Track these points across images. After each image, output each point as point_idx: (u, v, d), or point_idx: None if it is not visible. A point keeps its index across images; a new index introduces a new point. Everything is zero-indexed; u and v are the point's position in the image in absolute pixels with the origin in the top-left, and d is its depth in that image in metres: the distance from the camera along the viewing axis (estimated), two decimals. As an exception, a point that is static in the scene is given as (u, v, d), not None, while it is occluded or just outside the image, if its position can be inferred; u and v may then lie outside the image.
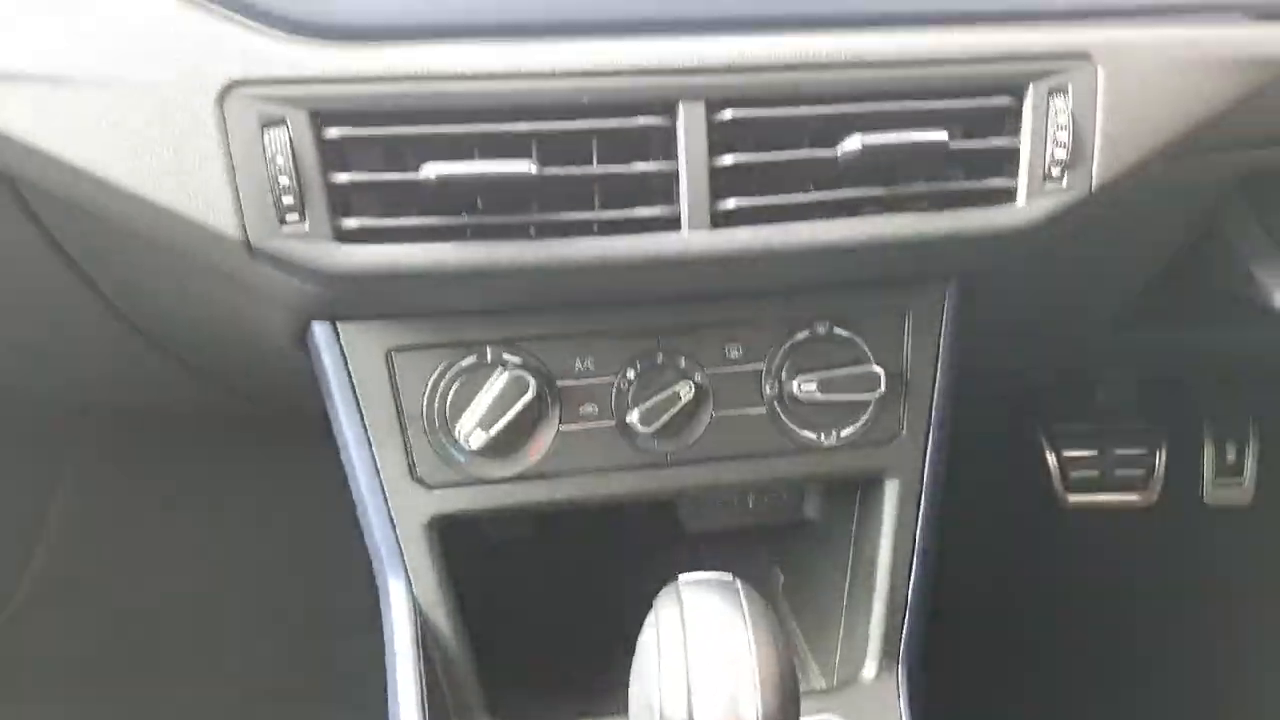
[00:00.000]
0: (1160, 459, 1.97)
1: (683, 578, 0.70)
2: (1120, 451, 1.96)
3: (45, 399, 1.67)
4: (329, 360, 0.91)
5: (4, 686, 1.89)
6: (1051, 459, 1.96)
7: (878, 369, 0.95)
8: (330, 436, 0.96)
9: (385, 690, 0.94)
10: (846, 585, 1.06)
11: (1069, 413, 2.00)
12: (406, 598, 0.93)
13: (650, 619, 0.68)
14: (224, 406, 1.48)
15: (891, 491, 1.00)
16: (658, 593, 0.72)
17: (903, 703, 0.97)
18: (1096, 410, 1.99)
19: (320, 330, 0.90)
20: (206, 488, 2.11)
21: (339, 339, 0.90)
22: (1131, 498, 1.96)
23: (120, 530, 2.08)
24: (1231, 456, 1.99)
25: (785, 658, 0.66)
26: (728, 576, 0.70)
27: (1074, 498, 1.95)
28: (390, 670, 0.92)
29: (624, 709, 0.72)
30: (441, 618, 0.93)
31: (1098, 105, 0.87)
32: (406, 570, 0.93)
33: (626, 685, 0.72)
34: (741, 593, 0.68)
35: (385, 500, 0.93)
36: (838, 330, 0.97)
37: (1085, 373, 1.96)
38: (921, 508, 1.00)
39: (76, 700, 1.90)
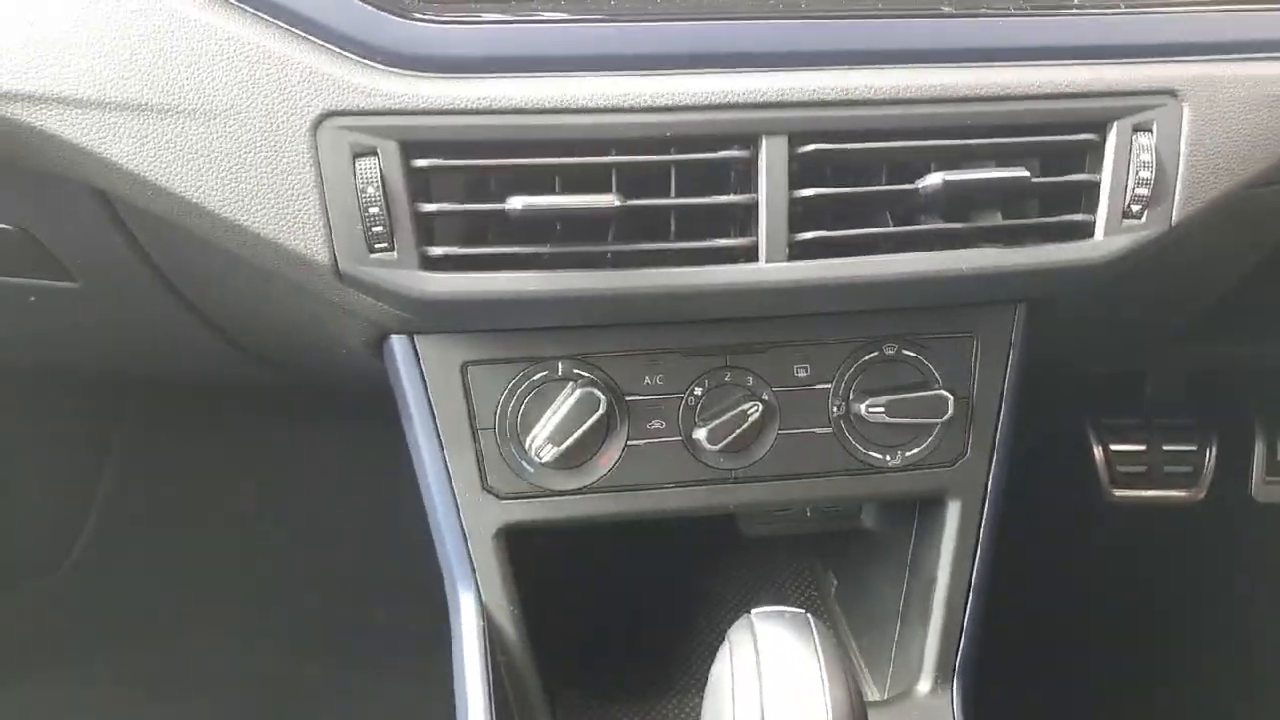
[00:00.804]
0: (1210, 455, 1.96)
1: (756, 614, 0.72)
2: (1169, 447, 1.95)
3: (103, 371, 1.71)
4: (405, 372, 0.93)
5: (57, 645, 1.96)
6: (1099, 453, 1.96)
7: (946, 393, 0.96)
8: (394, 415, 0.98)
9: (422, 654, 0.96)
10: (902, 598, 1.08)
11: (1118, 407, 1.99)
12: (476, 607, 0.96)
13: (724, 651, 0.71)
14: (290, 387, 1.51)
15: (954, 512, 1.01)
16: (716, 602, 0.74)
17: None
18: (1146, 405, 1.98)
19: (398, 343, 0.93)
20: (251, 457, 2.16)
21: (416, 352, 0.93)
22: (1179, 494, 1.95)
23: (166, 499, 2.13)
24: (1284, 453, 1.97)
25: (856, 695, 0.68)
26: (800, 611, 0.72)
27: (1120, 493, 1.94)
28: (458, 678, 0.96)
29: (685, 709, 0.74)
30: (509, 626, 0.97)
31: (1182, 142, 0.86)
32: (476, 578, 0.96)
33: (684, 691, 0.74)
34: (814, 627, 0.70)
35: (457, 509, 0.95)
36: (906, 352, 0.98)
37: (1135, 373, 1.94)
38: (982, 530, 1.01)
39: (126, 659, 1.95)
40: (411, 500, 1.00)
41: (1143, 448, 1.94)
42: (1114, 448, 1.95)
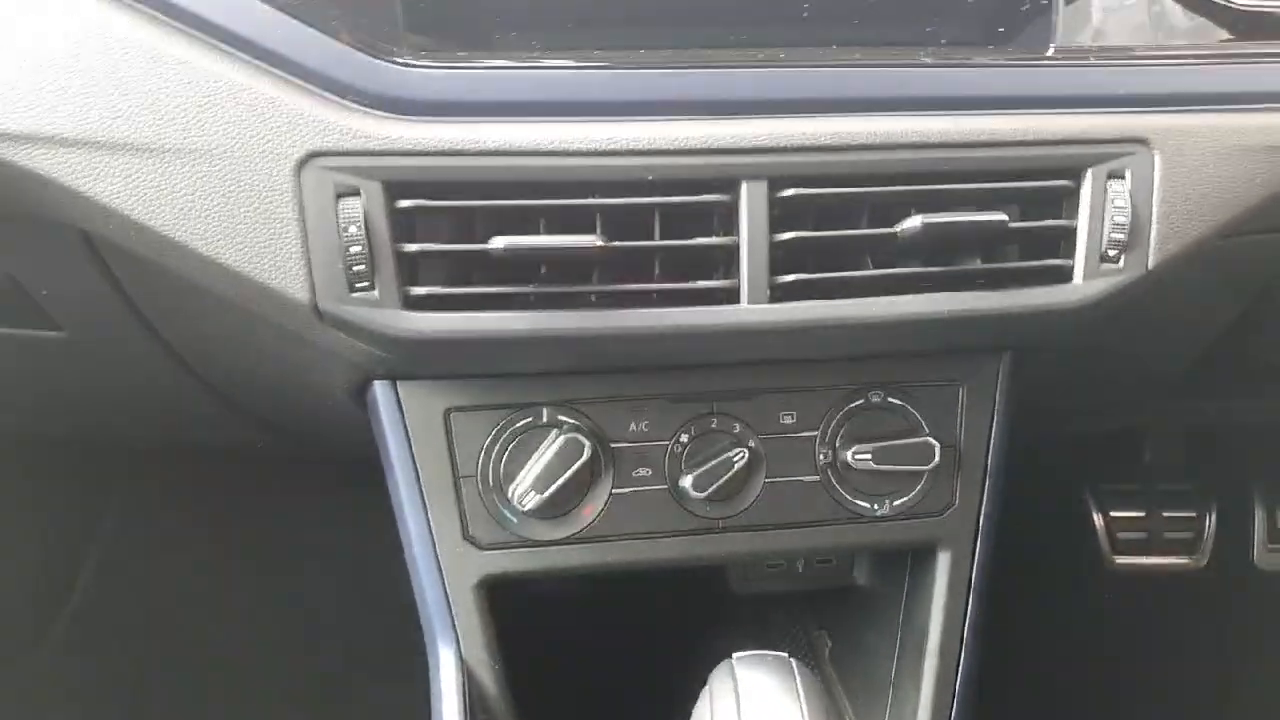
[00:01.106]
0: (1210, 521, 1.94)
1: (737, 658, 0.70)
2: (1169, 513, 1.93)
3: (92, 436, 1.71)
4: (387, 418, 0.93)
5: (42, 711, 1.92)
6: (1099, 519, 1.94)
7: (933, 440, 0.95)
8: (376, 479, 0.97)
9: None
10: (895, 655, 1.05)
11: (1116, 473, 1.98)
12: (455, 659, 0.94)
13: (704, 695, 0.69)
14: (274, 449, 1.51)
15: (944, 563, 1.00)
16: (704, 658, 0.72)
17: None
18: (1144, 471, 1.97)
19: (380, 389, 0.92)
20: (248, 524, 2.14)
21: (398, 398, 0.92)
22: (1181, 560, 1.93)
23: (160, 566, 2.11)
24: (1284, 520, 1.95)
25: None
26: (783, 655, 0.70)
27: (1121, 560, 1.92)
28: None
29: None
30: (489, 680, 0.94)
31: (1154, 189, 0.88)
32: (456, 631, 0.94)
33: None
34: (795, 670, 0.68)
35: (437, 560, 0.94)
36: (892, 400, 0.97)
37: (1133, 433, 1.94)
38: (973, 580, 1.00)
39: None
40: (404, 578, 0.99)
41: (1142, 514, 1.93)
42: (1114, 514, 1.93)
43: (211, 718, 1.94)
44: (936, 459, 0.95)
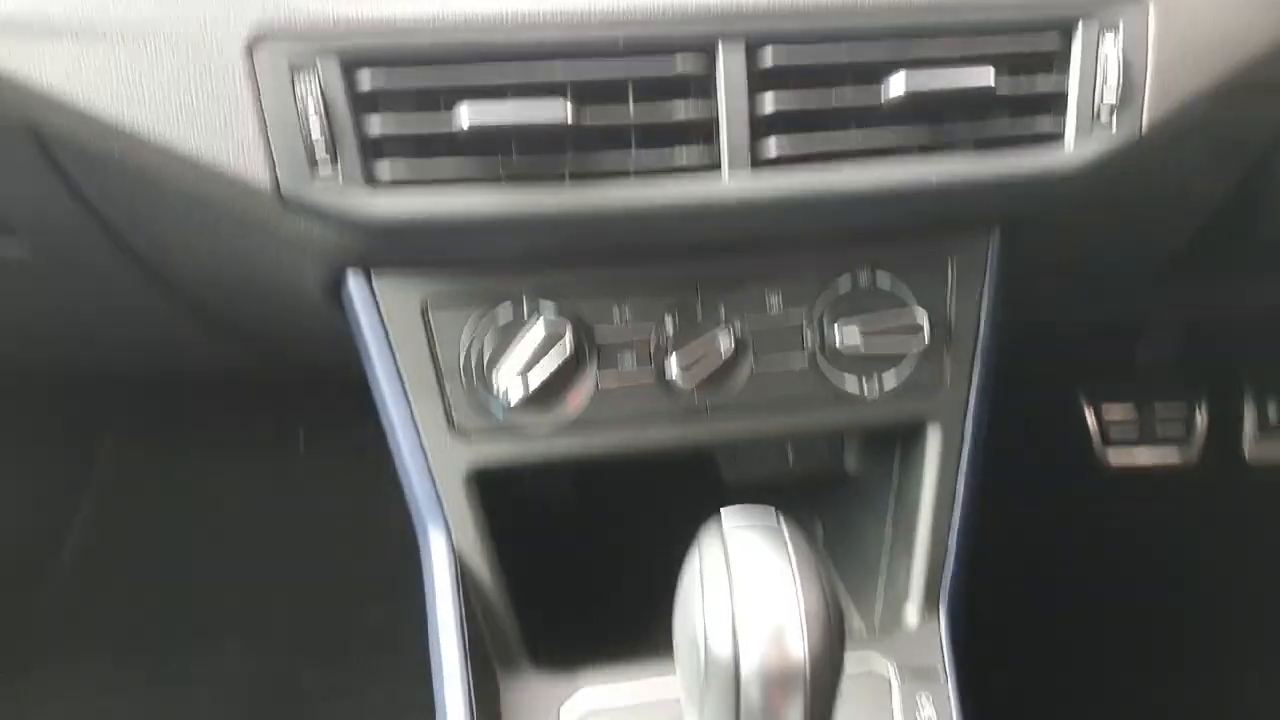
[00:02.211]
0: (1201, 416, 1.95)
1: (725, 514, 0.69)
2: (1161, 408, 1.94)
3: (76, 367, 1.69)
4: (363, 311, 0.91)
5: (49, 650, 1.94)
6: (1091, 416, 1.95)
7: (921, 319, 0.94)
8: (365, 401, 0.96)
9: (422, 648, 0.95)
10: (888, 534, 1.05)
11: (1110, 370, 1.98)
12: (446, 548, 0.93)
13: (693, 554, 0.68)
14: (259, 372, 1.49)
15: (934, 439, 0.99)
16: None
17: (945, 645, 0.97)
18: (1137, 368, 1.97)
19: (354, 281, 0.90)
20: (241, 455, 2.14)
21: (373, 290, 0.90)
22: (1171, 455, 1.94)
23: (156, 499, 2.11)
24: (1273, 413, 1.96)
25: (831, 592, 0.65)
26: (771, 513, 0.69)
27: (1114, 456, 1.93)
28: (432, 619, 0.93)
29: (663, 652, 0.72)
30: (481, 567, 0.94)
31: (1149, 44, 0.85)
32: (446, 521, 0.93)
33: (667, 630, 0.71)
34: (785, 529, 0.68)
35: (424, 453, 0.93)
36: (880, 279, 0.95)
37: (1127, 330, 1.93)
38: (964, 455, 0.99)
39: (118, 663, 1.93)
40: (399, 498, 0.98)
41: (1133, 409, 1.93)
42: (1105, 409, 1.94)
43: (211, 644, 1.96)
44: (926, 339, 0.94)
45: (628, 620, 1.01)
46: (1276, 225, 1.11)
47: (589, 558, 1.19)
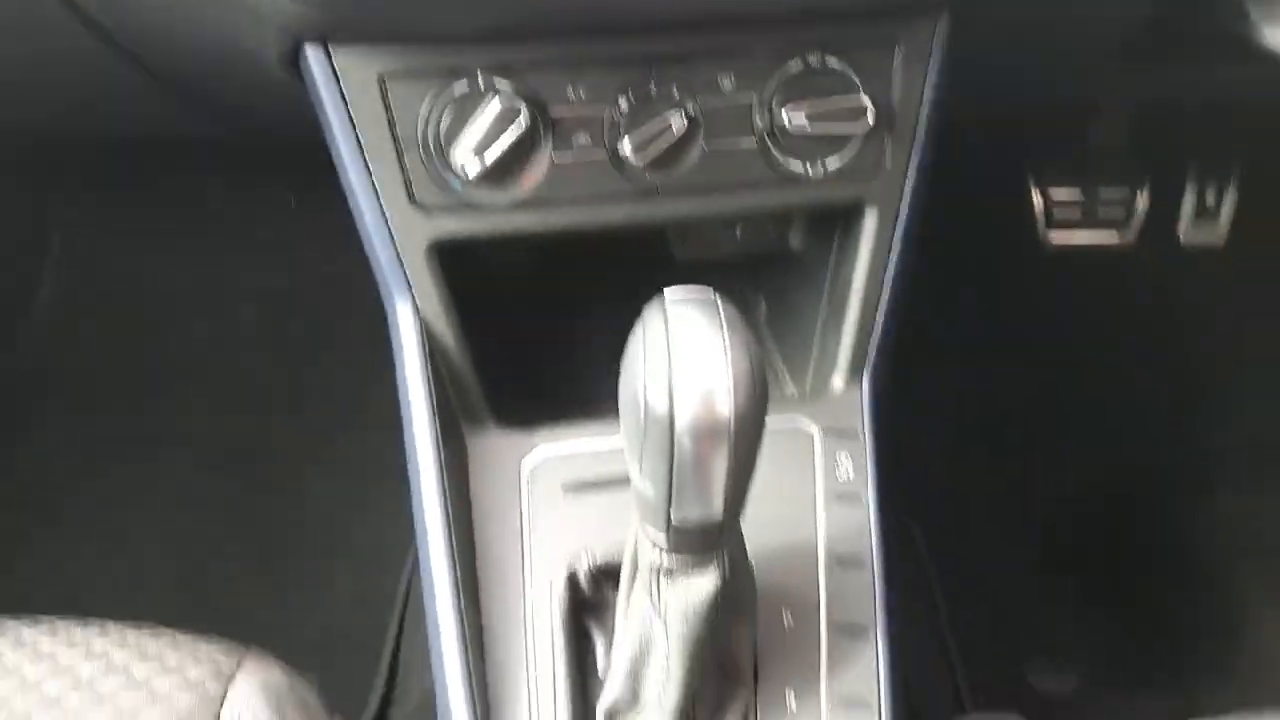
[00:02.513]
0: (1142, 199, 2.01)
1: (667, 292, 0.76)
2: (1105, 191, 2.00)
3: (26, 128, 1.67)
4: (323, 84, 0.92)
5: (15, 415, 2.00)
6: (1037, 197, 2.00)
7: (866, 101, 0.97)
8: (322, 167, 0.99)
9: (390, 406, 1.03)
10: (823, 309, 1.13)
11: (1059, 153, 2.02)
12: (413, 316, 1.00)
13: (638, 326, 0.75)
14: (211, 135, 1.49)
15: (870, 220, 1.04)
16: None
17: (866, 409, 1.06)
18: (1086, 151, 2.01)
19: (313, 53, 0.91)
20: (204, 217, 2.15)
21: (332, 65, 0.92)
22: (1111, 237, 2.01)
23: (117, 260, 2.12)
24: (1211, 199, 2.03)
25: (757, 361, 0.72)
26: (708, 291, 0.76)
27: (1055, 236, 2.00)
28: (401, 382, 1.01)
29: (613, 413, 0.79)
30: (446, 333, 1.01)
31: None
32: (411, 290, 0.99)
33: (616, 393, 0.79)
34: (720, 305, 0.74)
35: (387, 225, 0.97)
36: (830, 61, 0.98)
37: (1077, 112, 1.96)
38: (897, 236, 1.05)
39: (93, 424, 2.01)
40: (362, 264, 1.02)
41: (1079, 191, 1.99)
42: (1051, 191, 1.99)
43: (180, 402, 2.03)
44: (870, 121, 0.97)
45: (582, 385, 1.10)
46: (1218, 14, 1.13)
47: (547, 328, 1.26)
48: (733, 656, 0.91)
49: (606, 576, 0.96)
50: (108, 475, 1.94)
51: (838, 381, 1.08)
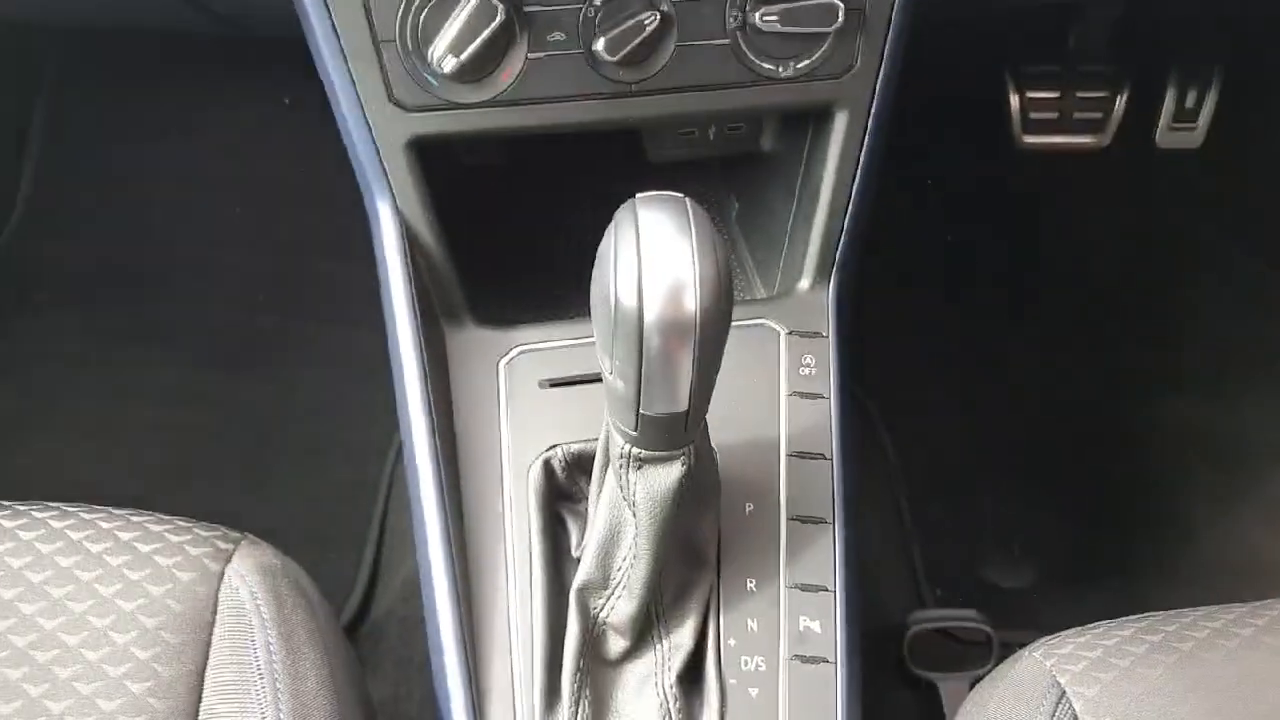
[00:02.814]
0: (1120, 102, 2.01)
1: (639, 196, 0.78)
2: (1083, 93, 2.00)
3: (17, 15, 1.64)
4: None
5: (20, 297, 2.02)
6: (1014, 99, 2.00)
7: (837, 1, 0.98)
8: (309, 67, 1.00)
9: (372, 302, 1.06)
10: (793, 211, 1.15)
11: (1038, 56, 2.01)
12: (392, 213, 1.02)
13: (610, 228, 0.77)
14: (198, 29, 1.48)
15: (840, 123, 1.06)
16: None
17: (831, 310, 1.10)
18: (1066, 54, 2.00)
19: None
20: (182, 109, 2.12)
21: None
22: (1086, 139, 2.02)
23: (102, 150, 2.11)
24: (1190, 102, 2.03)
25: (724, 261, 0.75)
26: (678, 195, 0.78)
27: (1030, 140, 2.01)
28: (383, 278, 1.04)
29: (589, 311, 0.82)
30: (425, 231, 1.03)
31: None
32: (391, 188, 1.01)
33: (589, 293, 0.82)
34: (689, 207, 0.77)
35: (366, 123, 0.98)
36: None
37: (1058, 16, 1.94)
38: (866, 139, 1.07)
39: (81, 316, 2.02)
40: (347, 163, 1.04)
41: (1057, 94, 1.99)
42: (1029, 94, 1.99)
43: (165, 292, 2.04)
44: (840, 19, 0.98)
45: (557, 286, 1.13)
46: None
47: (523, 230, 1.28)
48: (696, 544, 0.97)
49: (580, 467, 1.00)
50: (100, 370, 1.96)
51: (804, 283, 1.12)
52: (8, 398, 1.90)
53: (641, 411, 0.78)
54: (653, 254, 0.73)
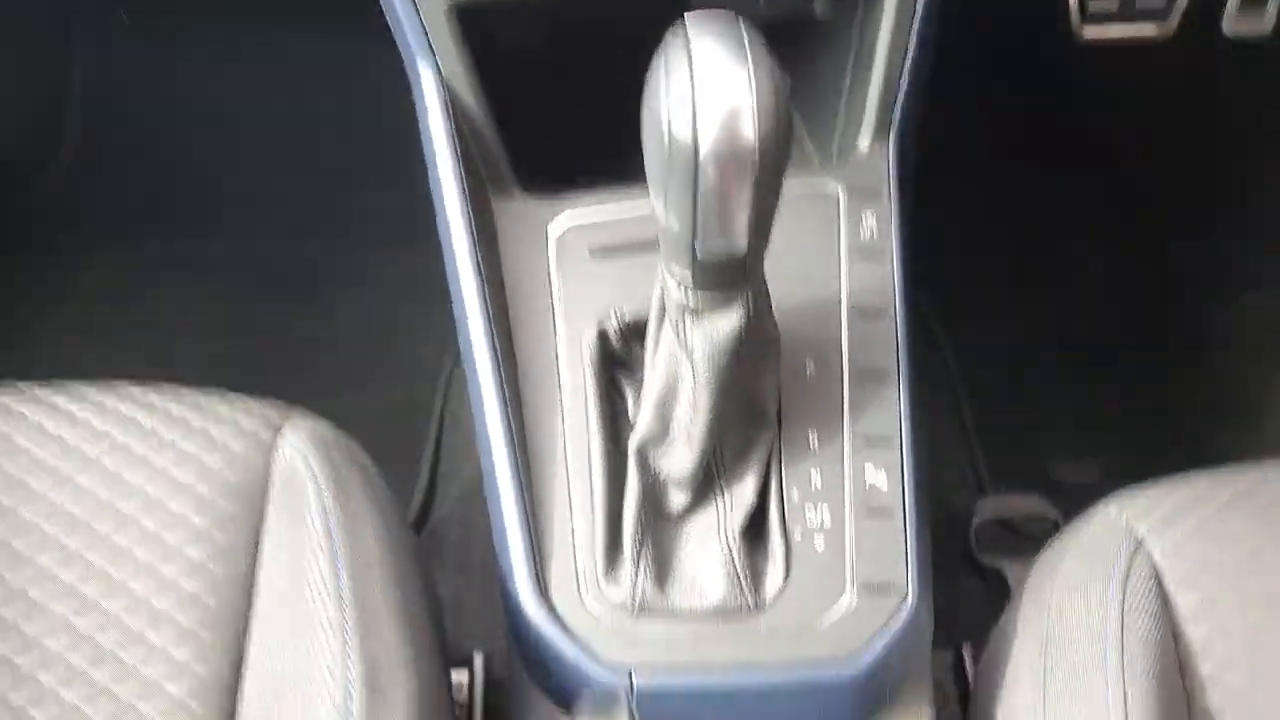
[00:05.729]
0: (1185, -13, 1.92)
1: (688, 17, 0.74)
2: (1144, -20, 1.91)
3: None
4: None
5: (54, 241, 2.03)
6: (1072, -12, 1.92)
7: None
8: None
9: (411, 228, 1.04)
10: (848, 76, 1.11)
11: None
12: (435, 81, 1.00)
13: (658, 55, 0.74)
14: None
15: None
16: None
17: (891, 168, 1.06)
18: (1129, -62, 1.91)
19: None
20: (228, 39, 2.12)
21: None
22: (1149, 29, 1.93)
23: (144, 82, 2.12)
24: (1258, -15, 1.93)
25: (782, 85, 0.72)
26: (731, 14, 0.74)
27: (1089, 30, 1.93)
28: (428, 148, 1.02)
29: (639, 181, 0.79)
30: (469, 98, 1.01)
31: None
32: (435, 55, 0.99)
33: (641, 161, 0.79)
34: (744, 29, 0.73)
35: None
36: None
37: None
38: (920, 4, 1.03)
39: (126, 251, 2.04)
40: (390, 85, 1.02)
41: (1118, -18, 1.90)
42: (1087, -18, 1.91)
43: (211, 226, 2.05)
44: None
45: (605, 153, 1.10)
46: None
47: (569, 97, 1.25)
48: (757, 402, 0.94)
49: (634, 333, 0.98)
50: (151, 304, 1.98)
51: (863, 142, 1.08)
52: (57, 333, 1.93)
53: (697, 252, 0.76)
54: (707, 77, 0.70)
